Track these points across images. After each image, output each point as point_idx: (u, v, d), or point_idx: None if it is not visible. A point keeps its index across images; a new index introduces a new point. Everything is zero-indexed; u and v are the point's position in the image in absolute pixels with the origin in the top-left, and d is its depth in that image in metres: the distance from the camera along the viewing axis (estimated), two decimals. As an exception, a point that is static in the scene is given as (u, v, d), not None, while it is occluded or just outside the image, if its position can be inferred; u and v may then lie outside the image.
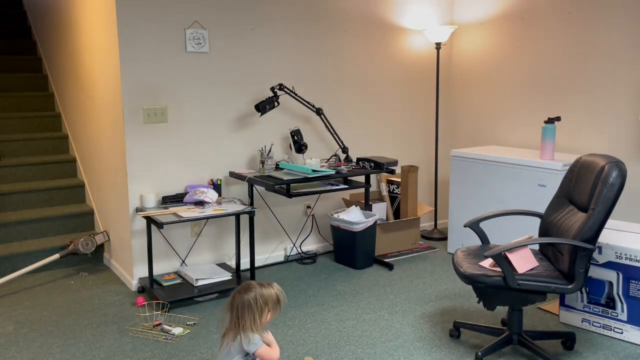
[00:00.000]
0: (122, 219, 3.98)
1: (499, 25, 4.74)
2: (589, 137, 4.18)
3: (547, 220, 3.06)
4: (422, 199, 5.22)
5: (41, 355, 3.00)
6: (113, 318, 3.44)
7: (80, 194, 4.82)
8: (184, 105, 3.92)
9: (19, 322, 3.40)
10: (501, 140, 4.82)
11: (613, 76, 4.00)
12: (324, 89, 4.52)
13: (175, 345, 3.09)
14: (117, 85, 3.74)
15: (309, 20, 4.37)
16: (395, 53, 4.86)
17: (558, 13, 4.29)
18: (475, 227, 3.18)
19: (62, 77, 5.19)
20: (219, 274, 3.85)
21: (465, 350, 3.02)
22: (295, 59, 4.35)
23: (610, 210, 2.66)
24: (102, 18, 3.87)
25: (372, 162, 4.20)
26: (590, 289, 3.25)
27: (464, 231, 4.43)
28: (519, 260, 2.76)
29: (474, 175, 4.33)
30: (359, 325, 3.33)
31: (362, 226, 4.21)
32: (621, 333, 3.14)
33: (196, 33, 3.88)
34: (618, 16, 3.93)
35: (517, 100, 4.66)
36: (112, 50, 3.76)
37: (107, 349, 3.06)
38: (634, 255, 3.06)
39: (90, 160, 4.59)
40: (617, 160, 2.71)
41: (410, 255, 4.58)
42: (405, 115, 5.02)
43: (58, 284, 4.00)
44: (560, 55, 4.31)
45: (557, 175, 3.76)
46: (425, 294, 3.78)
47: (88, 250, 4.15)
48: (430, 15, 4.98)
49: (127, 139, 3.74)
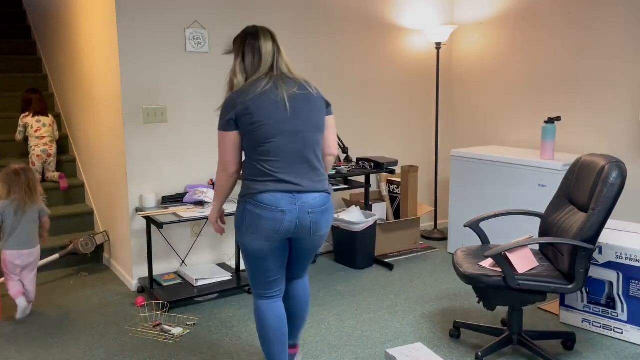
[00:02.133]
0: (122, 219, 3.98)
1: (499, 25, 4.74)
2: (589, 137, 4.18)
3: (547, 220, 3.06)
4: (422, 199, 5.22)
5: (41, 355, 3.00)
6: (113, 318, 3.44)
7: (80, 194, 4.82)
8: (184, 105, 3.92)
9: (19, 322, 3.40)
10: (501, 140, 4.82)
11: (613, 76, 4.00)
12: (324, 88, 4.52)
13: (175, 345, 3.08)
14: (117, 85, 3.74)
15: (309, 20, 4.37)
16: (395, 53, 4.86)
17: (558, 13, 4.29)
18: (475, 227, 3.18)
19: (62, 77, 5.19)
20: (218, 274, 3.85)
21: (465, 350, 3.02)
22: (295, 58, 4.34)
23: (610, 210, 2.66)
24: (102, 18, 3.87)
25: (372, 162, 4.20)
26: (591, 289, 3.24)
27: (464, 231, 4.43)
28: (519, 260, 2.76)
29: (474, 175, 4.33)
30: (359, 325, 3.33)
31: (362, 226, 4.21)
32: (621, 333, 3.14)
33: (196, 33, 3.88)
34: (618, 16, 3.93)
35: (517, 100, 4.66)
36: (112, 50, 3.76)
37: (107, 349, 3.06)
38: (634, 255, 3.06)
39: (90, 160, 4.59)
40: (617, 160, 2.70)
41: (410, 255, 4.58)
42: (405, 115, 5.02)
43: (58, 284, 4.00)
44: (560, 55, 4.31)
45: (557, 175, 3.76)
46: (425, 294, 3.78)
47: (88, 250, 4.15)
48: (430, 15, 4.98)
49: (127, 139, 3.74)
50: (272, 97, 2.35)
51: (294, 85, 2.41)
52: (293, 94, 2.39)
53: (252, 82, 2.39)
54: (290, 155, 2.36)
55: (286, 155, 2.36)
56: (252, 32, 2.47)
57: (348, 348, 3.05)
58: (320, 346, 3.07)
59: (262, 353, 2.97)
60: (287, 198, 2.33)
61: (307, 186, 2.37)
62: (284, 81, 2.41)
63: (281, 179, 2.34)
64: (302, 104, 2.40)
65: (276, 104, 2.35)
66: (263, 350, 2.54)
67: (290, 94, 2.38)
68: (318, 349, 3.05)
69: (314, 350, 3.03)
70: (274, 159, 2.35)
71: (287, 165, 2.36)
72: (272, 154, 2.35)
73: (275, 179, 2.34)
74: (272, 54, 2.45)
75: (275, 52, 2.46)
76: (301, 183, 2.36)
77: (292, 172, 2.36)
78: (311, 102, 2.42)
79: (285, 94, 2.37)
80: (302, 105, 2.39)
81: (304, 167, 2.38)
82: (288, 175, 2.35)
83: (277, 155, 2.35)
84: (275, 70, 2.44)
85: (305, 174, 2.38)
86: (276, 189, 2.33)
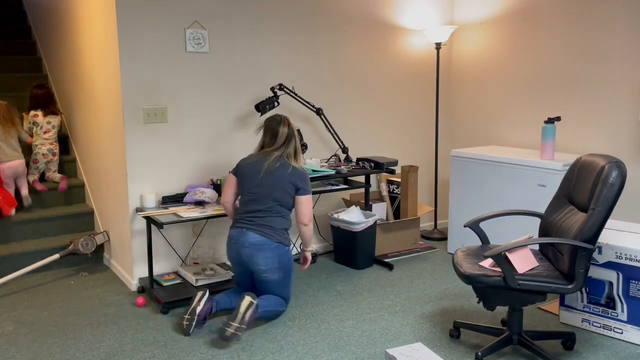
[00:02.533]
0: (122, 219, 3.98)
1: (499, 25, 4.74)
2: (589, 137, 4.18)
3: (547, 220, 3.06)
4: (422, 199, 5.22)
5: (41, 355, 3.00)
6: (113, 318, 3.44)
7: (80, 194, 4.82)
8: (184, 105, 3.92)
9: (19, 322, 3.40)
10: (501, 140, 4.83)
11: (613, 76, 4.00)
12: (324, 88, 4.53)
13: (175, 345, 3.09)
14: (117, 85, 3.74)
15: (309, 20, 4.37)
16: (395, 53, 4.86)
17: (558, 13, 4.29)
18: (475, 227, 3.18)
19: (62, 77, 5.19)
20: (218, 274, 3.85)
21: (465, 350, 3.02)
22: (295, 58, 4.35)
23: (610, 210, 2.66)
24: (102, 18, 3.87)
25: (372, 162, 4.20)
26: (590, 289, 3.25)
27: (464, 231, 4.43)
28: (519, 260, 2.76)
29: (474, 175, 4.33)
30: (359, 325, 3.33)
31: (362, 226, 4.21)
32: (621, 333, 3.14)
33: (196, 33, 3.88)
34: (618, 16, 3.93)
35: (517, 100, 4.66)
36: (112, 50, 3.76)
37: (107, 349, 3.06)
38: (634, 255, 3.06)
39: (90, 160, 4.59)
40: (617, 160, 2.71)
41: (410, 255, 4.58)
42: (405, 115, 5.02)
43: (58, 284, 4.00)
44: (561, 55, 4.31)
45: (557, 175, 3.76)
46: (425, 294, 3.78)
47: (88, 250, 4.15)
48: (430, 15, 4.98)
49: (127, 139, 3.74)
50: (257, 166, 3.32)
51: (277, 164, 3.30)
52: (270, 170, 3.28)
53: (258, 153, 3.41)
54: (252, 208, 3.31)
55: (249, 207, 3.32)
56: (276, 119, 3.40)
57: (348, 348, 3.05)
58: (320, 346, 3.08)
59: (264, 352, 2.98)
60: (238, 232, 3.31)
61: (252, 229, 3.27)
62: (274, 159, 3.31)
63: (240, 219, 3.35)
64: (272, 179, 3.28)
65: (258, 172, 3.32)
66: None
67: (268, 169, 3.28)
68: (318, 348, 3.05)
69: (314, 350, 3.03)
70: (243, 207, 3.35)
71: (248, 213, 3.32)
72: (242, 203, 3.38)
73: (238, 219, 3.36)
74: (285, 136, 3.37)
75: (289, 136, 3.38)
76: (250, 227, 3.28)
77: (250, 218, 3.30)
78: (280, 182, 3.27)
79: (265, 167, 3.29)
80: (272, 180, 3.28)
81: (259, 219, 3.29)
82: (245, 219, 3.32)
83: (245, 205, 3.34)
84: (276, 150, 3.36)
85: (257, 222, 3.28)
86: (235, 226, 3.35)
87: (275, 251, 3.27)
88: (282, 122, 3.37)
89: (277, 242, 3.28)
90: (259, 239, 3.25)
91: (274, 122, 3.37)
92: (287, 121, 3.39)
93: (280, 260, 3.29)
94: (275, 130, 3.35)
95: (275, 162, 3.30)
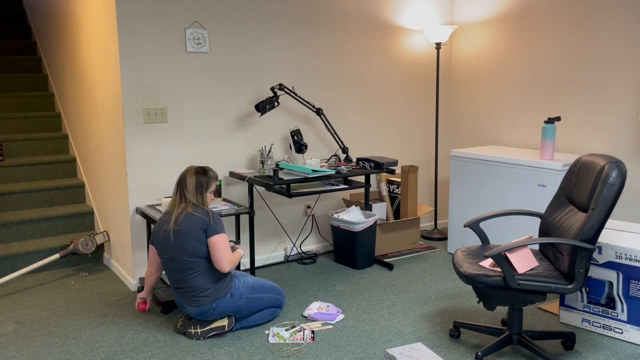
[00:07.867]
0: (122, 219, 3.98)
1: (499, 25, 4.74)
2: (589, 137, 4.19)
3: (547, 220, 3.06)
4: (422, 199, 5.22)
5: (41, 355, 3.00)
6: (113, 318, 3.44)
7: (80, 194, 4.82)
8: (184, 106, 3.92)
9: (19, 322, 3.40)
10: (501, 140, 4.83)
11: (613, 76, 4.00)
12: (324, 89, 4.53)
13: (175, 346, 3.09)
14: (117, 85, 3.74)
15: (309, 20, 4.37)
16: (395, 53, 4.86)
17: (558, 13, 4.30)
18: (475, 227, 3.18)
19: (62, 77, 5.19)
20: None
21: (465, 350, 3.02)
22: (296, 59, 4.35)
23: (610, 210, 2.66)
24: (102, 18, 3.87)
25: (372, 162, 4.20)
26: (590, 289, 3.25)
27: (464, 231, 4.43)
28: (519, 260, 2.76)
29: (474, 175, 4.33)
30: (359, 325, 3.33)
31: (362, 226, 4.21)
32: (621, 333, 3.15)
33: (196, 33, 3.88)
34: (618, 16, 3.93)
35: (517, 100, 4.67)
36: (112, 50, 3.76)
37: (107, 349, 3.06)
38: (634, 255, 3.06)
39: (90, 160, 4.59)
40: (617, 160, 2.71)
41: (410, 255, 4.58)
42: (405, 115, 5.02)
43: (58, 284, 4.00)
44: (560, 55, 4.31)
45: (557, 175, 3.76)
46: (425, 294, 3.78)
47: (88, 250, 4.15)
48: (430, 15, 4.98)
49: (127, 139, 3.75)
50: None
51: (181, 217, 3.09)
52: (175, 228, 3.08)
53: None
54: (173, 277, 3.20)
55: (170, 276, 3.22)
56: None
57: (348, 348, 3.05)
58: (320, 346, 3.08)
59: (263, 352, 2.98)
60: (180, 305, 3.23)
61: (185, 302, 3.16)
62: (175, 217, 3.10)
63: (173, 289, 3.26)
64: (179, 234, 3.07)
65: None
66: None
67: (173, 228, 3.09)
68: (318, 348, 3.05)
69: (314, 350, 3.03)
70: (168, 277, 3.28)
71: (173, 283, 3.21)
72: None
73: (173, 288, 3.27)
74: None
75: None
76: (183, 300, 3.17)
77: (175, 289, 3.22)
78: (184, 234, 3.06)
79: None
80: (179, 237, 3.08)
81: (182, 289, 3.16)
82: (175, 290, 3.22)
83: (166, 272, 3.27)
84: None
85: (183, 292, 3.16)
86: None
87: (217, 309, 3.12)
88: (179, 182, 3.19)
89: (212, 302, 3.11)
90: (196, 311, 3.13)
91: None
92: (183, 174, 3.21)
93: (228, 309, 3.14)
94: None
95: (179, 217, 3.08)
